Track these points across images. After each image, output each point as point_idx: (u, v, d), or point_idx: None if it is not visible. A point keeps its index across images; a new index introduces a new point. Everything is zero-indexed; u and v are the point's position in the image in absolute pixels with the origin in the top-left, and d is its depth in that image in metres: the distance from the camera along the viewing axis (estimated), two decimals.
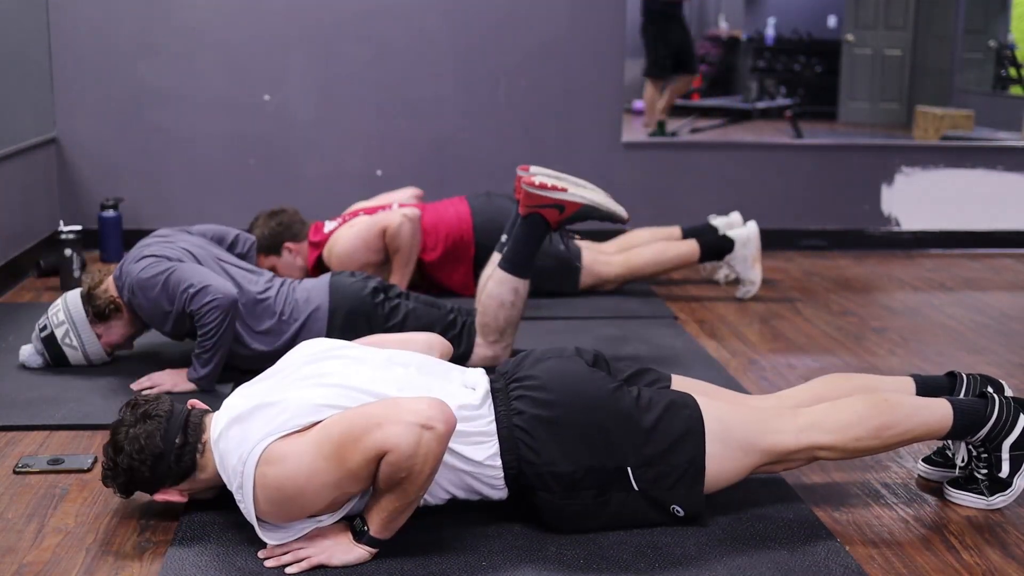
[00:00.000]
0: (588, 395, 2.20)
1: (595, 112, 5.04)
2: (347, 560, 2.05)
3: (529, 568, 2.07)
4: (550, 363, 2.27)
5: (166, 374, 3.05)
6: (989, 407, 2.31)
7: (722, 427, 2.20)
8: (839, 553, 2.15)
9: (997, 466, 2.34)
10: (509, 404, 2.19)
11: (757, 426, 2.23)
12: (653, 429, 2.18)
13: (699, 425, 2.19)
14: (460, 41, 4.93)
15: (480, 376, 2.29)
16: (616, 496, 2.18)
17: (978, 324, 3.95)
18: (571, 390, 2.20)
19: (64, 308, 3.13)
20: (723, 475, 2.21)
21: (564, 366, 2.26)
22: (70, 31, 4.74)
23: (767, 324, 3.90)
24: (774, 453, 2.22)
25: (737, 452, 2.20)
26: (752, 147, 5.44)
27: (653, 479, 2.17)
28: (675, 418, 2.19)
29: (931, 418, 2.28)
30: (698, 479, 2.18)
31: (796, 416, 2.26)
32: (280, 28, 4.85)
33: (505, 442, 2.16)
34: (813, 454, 2.25)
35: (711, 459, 2.18)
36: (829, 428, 2.23)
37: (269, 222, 3.96)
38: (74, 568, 2.07)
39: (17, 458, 2.57)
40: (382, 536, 2.06)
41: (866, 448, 2.26)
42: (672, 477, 2.17)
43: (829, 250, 5.23)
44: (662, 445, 2.17)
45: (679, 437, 2.18)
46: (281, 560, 2.06)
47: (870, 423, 2.24)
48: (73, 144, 4.83)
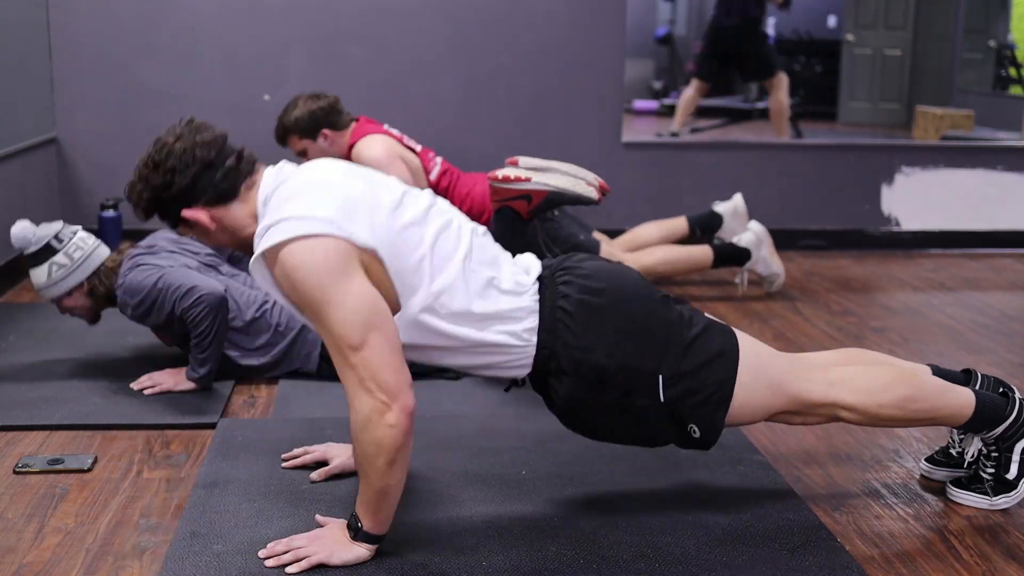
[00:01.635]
0: (637, 292, 2.19)
1: (595, 112, 5.04)
2: (347, 559, 2.05)
3: (529, 568, 2.07)
4: (600, 262, 2.26)
5: (166, 374, 3.05)
6: (1009, 406, 2.32)
7: (757, 361, 2.19)
8: (839, 553, 2.15)
9: (1006, 467, 2.34)
10: (555, 287, 2.17)
11: (789, 372, 2.21)
12: (692, 344, 2.16)
13: (735, 350, 2.17)
14: (460, 41, 4.93)
15: (533, 261, 2.27)
16: (640, 401, 2.14)
17: (978, 324, 3.95)
18: (621, 284, 2.19)
19: (85, 254, 3.10)
20: (747, 408, 2.18)
21: (615, 266, 2.26)
22: (70, 31, 4.74)
23: (767, 324, 3.90)
24: (799, 401, 2.20)
25: (765, 389, 2.18)
26: (752, 147, 5.44)
27: (681, 393, 2.14)
28: (714, 339, 2.18)
29: (955, 402, 2.28)
30: (723, 404, 2.16)
31: (827, 370, 2.25)
32: (280, 28, 4.85)
33: (546, 321, 2.13)
34: (835, 412, 2.23)
35: (740, 388, 2.16)
36: (857, 388, 2.22)
37: (309, 104, 3.91)
38: (74, 568, 2.07)
39: (17, 458, 2.57)
40: (375, 530, 2.05)
41: (888, 417, 2.25)
42: (699, 396, 2.15)
43: (829, 250, 5.23)
44: (698, 361, 2.15)
45: (714, 357, 2.16)
46: (281, 560, 2.05)
47: (897, 392, 2.23)
48: (73, 144, 4.84)
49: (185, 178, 2.10)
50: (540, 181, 3.11)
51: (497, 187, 3.15)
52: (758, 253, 4.22)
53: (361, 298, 1.96)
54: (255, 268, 2.06)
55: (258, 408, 2.96)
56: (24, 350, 3.37)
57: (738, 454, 2.63)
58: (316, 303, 1.95)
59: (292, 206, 2.01)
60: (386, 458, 1.96)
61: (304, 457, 2.51)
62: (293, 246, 1.96)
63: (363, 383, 1.94)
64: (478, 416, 2.89)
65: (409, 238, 2.07)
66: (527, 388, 2.25)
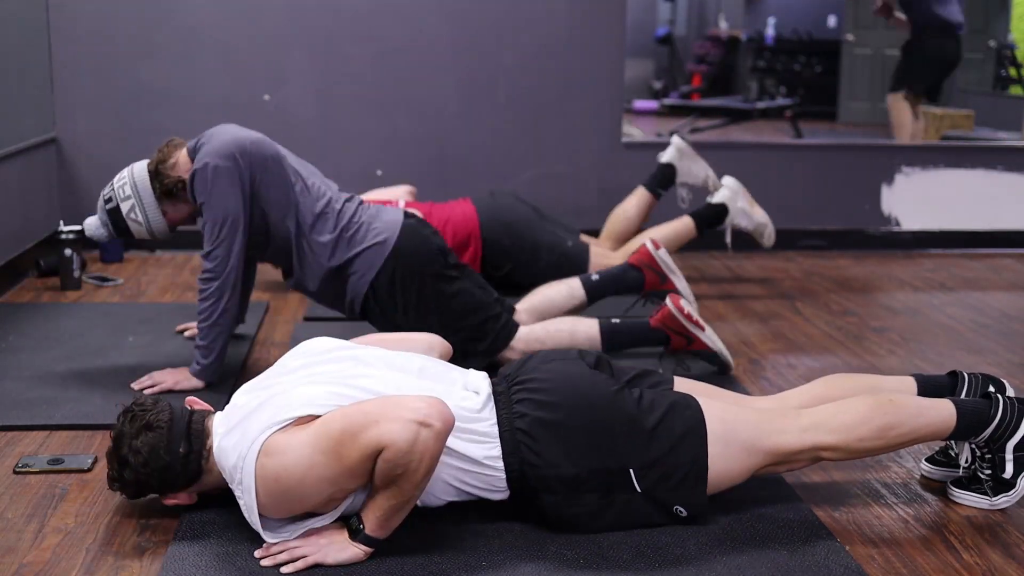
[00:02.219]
0: (590, 397, 2.20)
1: (595, 112, 5.04)
2: (342, 559, 2.05)
3: (529, 568, 2.07)
4: (553, 365, 2.27)
5: (167, 373, 3.05)
6: (993, 408, 2.31)
7: (725, 427, 2.20)
8: (839, 553, 2.15)
9: (1001, 467, 2.34)
10: (511, 407, 2.19)
11: (760, 427, 2.22)
12: (655, 430, 2.18)
13: (701, 425, 2.19)
14: (460, 41, 4.93)
15: (482, 380, 2.29)
16: (619, 497, 2.18)
17: (978, 324, 3.95)
18: (573, 392, 2.20)
19: (131, 182, 3.04)
20: (726, 475, 2.21)
21: (567, 368, 2.27)
22: (70, 31, 4.74)
23: (767, 324, 3.90)
24: (777, 453, 2.22)
25: (740, 453, 2.20)
26: (752, 147, 5.44)
27: (656, 480, 2.17)
28: (677, 419, 2.19)
29: (935, 419, 2.28)
30: (701, 479, 2.18)
31: (799, 416, 2.26)
32: (280, 28, 4.86)
33: (507, 444, 2.16)
34: (817, 454, 2.25)
35: (714, 459, 2.18)
36: (833, 428, 2.23)
37: None
38: (74, 568, 2.07)
39: (17, 458, 2.57)
40: (378, 535, 2.06)
41: (870, 449, 2.26)
42: (675, 478, 2.17)
43: (829, 250, 5.24)
44: (665, 446, 2.17)
45: (681, 437, 2.18)
46: (277, 559, 2.06)
47: (874, 423, 2.23)
48: (73, 144, 4.84)
49: (150, 483, 2.18)
50: (710, 337, 3.24)
51: (675, 317, 3.22)
52: (735, 206, 4.20)
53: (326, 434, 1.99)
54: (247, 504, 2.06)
55: None
56: (24, 350, 3.37)
57: None
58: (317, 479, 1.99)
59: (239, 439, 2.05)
60: (427, 467, 1.98)
61: None
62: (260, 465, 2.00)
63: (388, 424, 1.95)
64: None
65: None
66: None
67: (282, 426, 2.02)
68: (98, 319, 3.74)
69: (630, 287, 3.54)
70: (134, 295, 4.14)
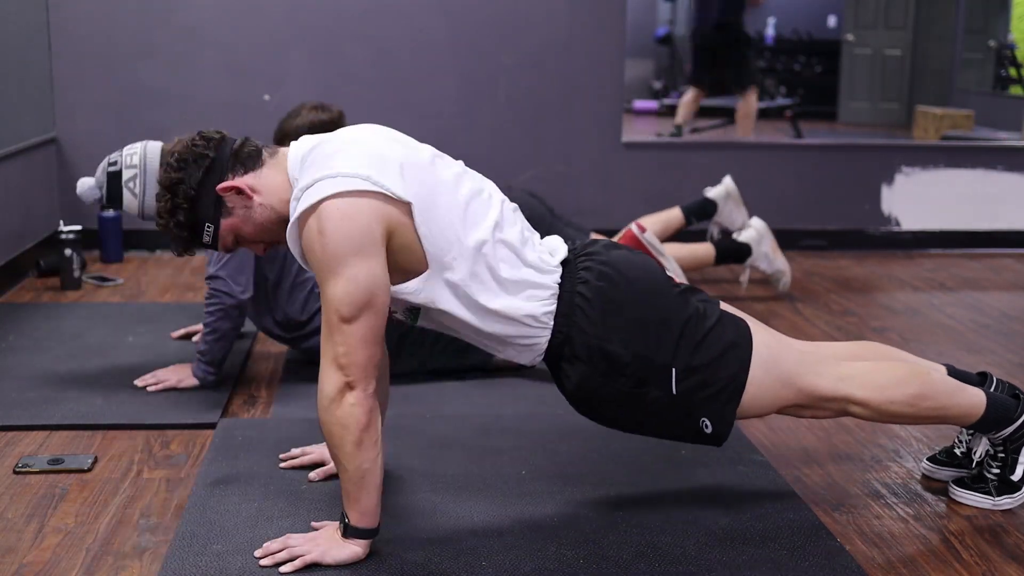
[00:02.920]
0: (654, 287, 2.19)
1: (595, 112, 5.04)
2: (341, 558, 2.05)
3: (529, 568, 2.07)
4: (622, 251, 2.25)
5: (171, 370, 3.06)
6: (1020, 408, 2.32)
7: (768, 353, 2.19)
8: (839, 553, 2.15)
9: (1011, 468, 2.35)
10: (576, 272, 2.17)
11: (800, 364, 2.21)
12: (705, 338, 2.15)
13: (748, 344, 2.17)
14: (460, 41, 4.93)
15: (559, 243, 2.26)
16: (652, 393, 2.14)
17: (978, 324, 3.95)
18: (640, 276, 2.19)
19: (141, 154, 2.94)
20: (757, 402, 2.19)
21: (637, 257, 2.25)
22: (70, 31, 4.74)
23: (767, 324, 3.89)
24: (809, 395, 2.20)
25: (776, 383, 2.18)
26: (752, 147, 5.44)
27: (693, 386, 2.14)
28: (726, 333, 2.18)
29: (966, 402, 2.27)
30: (735, 397, 2.16)
31: (839, 364, 2.24)
32: (280, 28, 4.86)
33: (564, 305, 2.13)
34: (845, 407, 2.23)
35: (751, 382, 2.16)
36: (867, 384, 2.21)
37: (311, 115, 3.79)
38: (74, 568, 2.07)
39: (17, 458, 2.57)
40: (362, 523, 2.04)
41: (898, 413, 2.24)
42: (711, 389, 2.15)
43: (829, 250, 5.24)
44: (711, 355, 2.15)
45: (727, 351, 2.16)
46: (276, 558, 2.05)
47: (908, 390, 2.22)
48: (73, 144, 4.83)
49: (207, 157, 2.10)
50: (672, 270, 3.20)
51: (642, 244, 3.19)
52: (759, 249, 4.21)
53: (370, 277, 1.96)
54: (291, 236, 2.03)
55: (258, 408, 2.96)
56: (24, 350, 3.37)
57: (738, 454, 2.63)
58: (329, 268, 1.95)
59: (325, 165, 2.01)
60: (352, 438, 1.97)
61: (302, 458, 2.51)
62: (328, 205, 1.95)
63: (337, 358, 1.96)
64: (478, 416, 2.89)
65: (441, 197, 2.07)
66: (528, 387, 2.25)
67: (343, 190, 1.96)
68: (98, 319, 3.74)
69: None
70: (134, 295, 4.14)
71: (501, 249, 2.12)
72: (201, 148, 2.12)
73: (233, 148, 2.13)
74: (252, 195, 2.10)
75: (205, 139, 2.14)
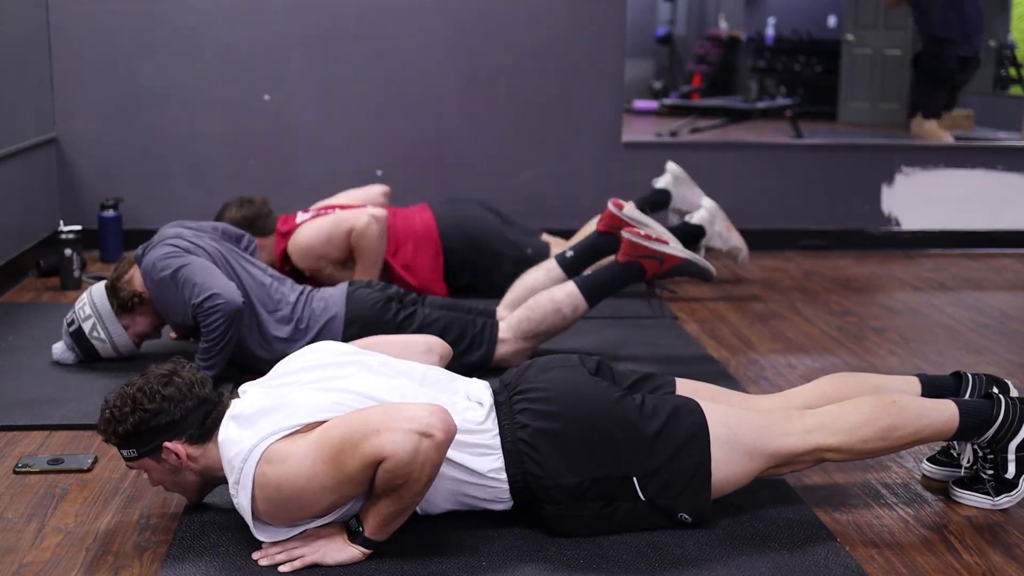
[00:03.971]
0: (592, 405, 2.19)
1: (595, 112, 5.04)
2: (340, 559, 2.05)
3: (529, 568, 2.07)
4: (553, 374, 2.26)
5: None
6: (995, 408, 2.31)
7: (728, 432, 2.19)
8: (839, 553, 2.15)
9: (1003, 467, 2.34)
10: (513, 417, 2.18)
11: (763, 429, 2.22)
12: (657, 437, 2.16)
13: (704, 431, 2.18)
14: (460, 41, 4.93)
15: (483, 389, 2.28)
16: (623, 506, 2.17)
17: (978, 324, 3.95)
18: (575, 401, 2.19)
19: (90, 301, 3.14)
20: (730, 480, 2.20)
21: (567, 376, 2.25)
22: (70, 31, 4.74)
23: (767, 324, 3.90)
24: (781, 456, 2.22)
25: (743, 456, 2.19)
26: (752, 147, 5.44)
27: (659, 488, 2.17)
28: (679, 425, 2.18)
29: (938, 420, 2.27)
30: (704, 485, 2.17)
31: (803, 418, 2.25)
32: (280, 28, 4.85)
33: (510, 456, 2.15)
34: (820, 456, 2.24)
35: (717, 464, 2.17)
36: (836, 430, 2.22)
37: (235, 212, 3.93)
38: (74, 568, 2.07)
39: (17, 458, 2.57)
40: (377, 538, 2.06)
41: (873, 450, 2.26)
42: (678, 485, 2.17)
43: (829, 250, 5.23)
44: (667, 453, 2.16)
45: (683, 444, 2.16)
46: (275, 559, 2.06)
47: (877, 425, 2.23)
48: (73, 144, 4.83)
49: (179, 410, 2.10)
50: (676, 248, 3.22)
51: (636, 242, 3.22)
52: (712, 228, 4.23)
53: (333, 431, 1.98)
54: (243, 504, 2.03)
55: None
56: (24, 350, 3.37)
57: None
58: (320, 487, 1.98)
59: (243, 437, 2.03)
60: (428, 476, 1.97)
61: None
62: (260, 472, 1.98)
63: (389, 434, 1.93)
64: None
65: None
66: None
67: (286, 433, 2.02)
68: None
69: (604, 251, 3.46)
70: None
71: None
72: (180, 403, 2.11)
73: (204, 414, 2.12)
74: (184, 465, 2.13)
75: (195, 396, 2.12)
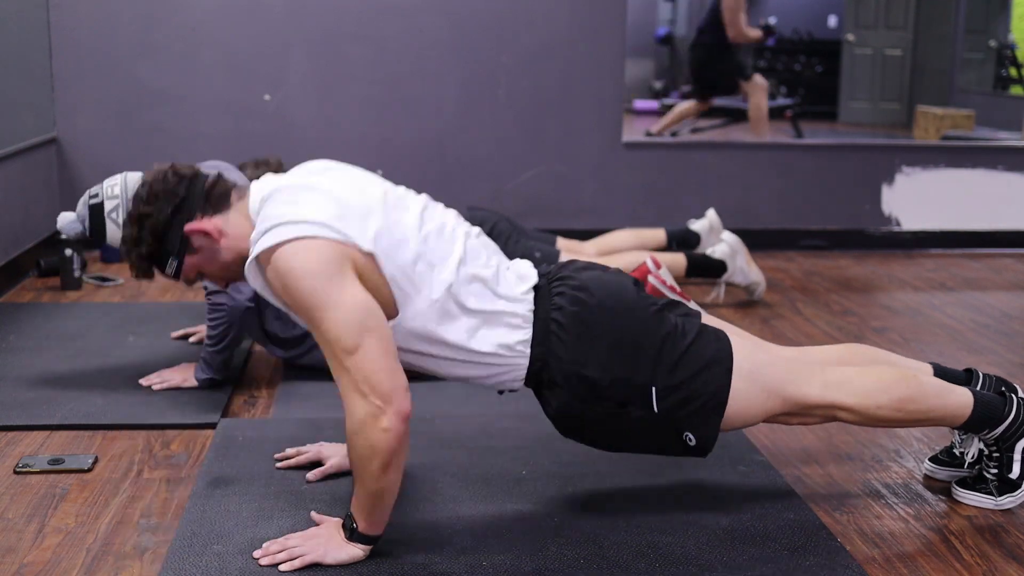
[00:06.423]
0: (628, 308, 2.17)
1: (595, 112, 5.04)
2: (341, 558, 2.05)
3: (529, 568, 2.07)
4: (596, 272, 2.25)
5: (176, 370, 3.07)
6: (1008, 406, 2.31)
7: (751, 365, 2.18)
8: (839, 553, 2.15)
9: (1008, 467, 2.34)
10: (550, 298, 2.17)
11: (785, 374, 2.21)
12: (684, 354, 2.15)
13: (728, 358, 2.17)
14: (460, 41, 4.93)
15: (529, 268, 2.26)
16: (634, 412, 2.15)
17: (978, 324, 3.95)
18: (613, 299, 2.17)
19: (122, 185, 2.95)
20: (742, 414, 2.19)
21: (610, 277, 2.24)
22: (70, 31, 4.74)
23: (767, 324, 3.90)
24: (796, 403, 2.21)
25: (760, 394, 2.18)
26: (752, 147, 5.44)
27: (674, 404, 2.14)
28: (706, 347, 2.17)
29: (953, 403, 2.27)
30: (718, 411, 2.15)
31: (825, 372, 2.24)
32: (280, 28, 4.85)
33: (539, 333, 2.13)
34: (833, 413, 2.23)
35: (734, 395, 2.16)
36: (855, 390, 2.21)
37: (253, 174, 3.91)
38: (74, 568, 2.07)
39: (17, 458, 2.57)
40: (370, 532, 2.05)
41: (885, 418, 2.25)
42: (693, 405, 2.15)
43: (829, 250, 5.24)
44: (690, 371, 2.14)
45: (707, 366, 2.15)
46: (275, 558, 2.05)
47: (895, 393, 2.22)
48: (73, 144, 4.84)
49: (177, 195, 2.10)
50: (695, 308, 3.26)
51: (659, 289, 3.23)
52: (734, 264, 4.17)
53: (355, 301, 1.96)
54: (249, 272, 2.06)
55: (258, 408, 2.96)
56: (24, 350, 3.37)
57: (738, 454, 2.63)
58: (310, 306, 1.96)
59: (287, 209, 2.02)
60: (380, 461, 1.96)
61: (298, 458, 2.51)
62: (287, 248, 1.97)
63: (357, 387, 1.94)
64: (478, 416, 2.89)
65: (404, 242, 2.07)
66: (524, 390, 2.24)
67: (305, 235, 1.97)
68: (98, 319, 3.74)
69: None
70: (134, 295, 4.14)
71: (469, 284, 2.11)
72: (172, 184, 2.12)
73: (205, 187, 2.13)
74: (218, 238, 2.12)
75: (178, 175, 2.14)
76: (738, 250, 4.20)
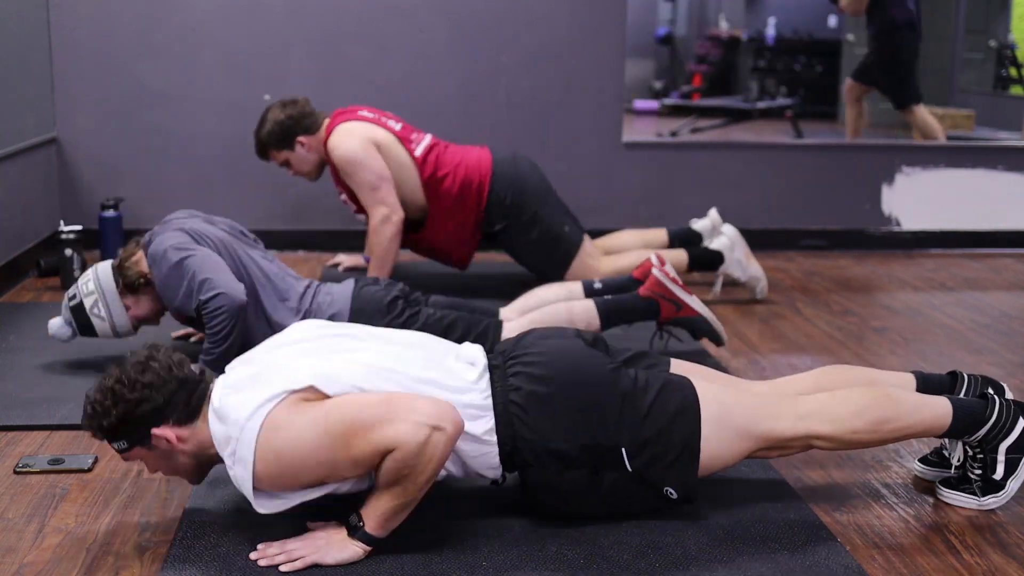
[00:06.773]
0: (585, 373, 2.19)
1: (595, 112, 5.04)
2: (341, 558, 2.05)
3: (529, 568, 2.07)
4: (549, 342, 2.27)
5: None
6: (989, 408, 2.31)
7: (719, 409, 2.19)
8: (839, 553, 2.15)
9: (992, 468, 2.34)
10: (506, 380, 2.18)
11: (755, 411, 2.22)
12: (648, 410, 2.17)
13: (695, 407, 2.18)
14: (460, 41, 4.93)
15: (478, 352, 2.28)
16: (609, 476, 2.17)
17: (978, 324, 3.95)
18: (569, 368, 2.19)
19: (95, 278, 3.11)
20: (718, 458, 2.20)
21: (563, 344, 2.26)
22: (70, 31, 4.74)
23: (767, 324, 3.90)
24: (770, 439, 2.22)
25: (733, 436, 2.19)
26: (752, 147, 5.44)
27: (647, 460, 2.16)
28: (671, 399, 2.18)
29: (930, 415, 2.28)
30: (692, 461, 2.17)
31: (796, 403, 2.25)
32: (280, 28, 4.85)
33: (501, 417, 2.15)
34: (809, 443, 2.24)
35: (706, 441, 2.17)
36: (828, 418, 2.22)
37: (278, 114, 3.90)
38: (74, 568, 2.07)
39: (17, 458, 2.57)
40: (378, 534, 2.06)
41: (863, 441, 2.26)
42: (666, 459, 2.16)
43: (829, 250, 5.23)
44: (657, 426, 2.16)
45: (674, 418, 2.16)
46: (274, 560, 2.05)
47: (869, 416, 2.23)
48: (73, 144, 4.83)
49: (161, 395, 2.08)
50: (696, 303, 3.33)
51: (662, 281, 3.30)
52: (731, 255, 4.16)
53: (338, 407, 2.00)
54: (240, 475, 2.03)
55: None
56: (24, 350, 3.37)
57: None
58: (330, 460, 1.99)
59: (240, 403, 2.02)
60: (433, 469, 1.99)
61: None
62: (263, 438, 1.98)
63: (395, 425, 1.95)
64: None
65: None
66: None
67: (284, 398, 2.01)
68: None
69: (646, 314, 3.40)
70: None
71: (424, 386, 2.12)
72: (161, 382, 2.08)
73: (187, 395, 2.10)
74: (176, 448, 2.11)
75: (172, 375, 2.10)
76: (737, 243, 4.20)
